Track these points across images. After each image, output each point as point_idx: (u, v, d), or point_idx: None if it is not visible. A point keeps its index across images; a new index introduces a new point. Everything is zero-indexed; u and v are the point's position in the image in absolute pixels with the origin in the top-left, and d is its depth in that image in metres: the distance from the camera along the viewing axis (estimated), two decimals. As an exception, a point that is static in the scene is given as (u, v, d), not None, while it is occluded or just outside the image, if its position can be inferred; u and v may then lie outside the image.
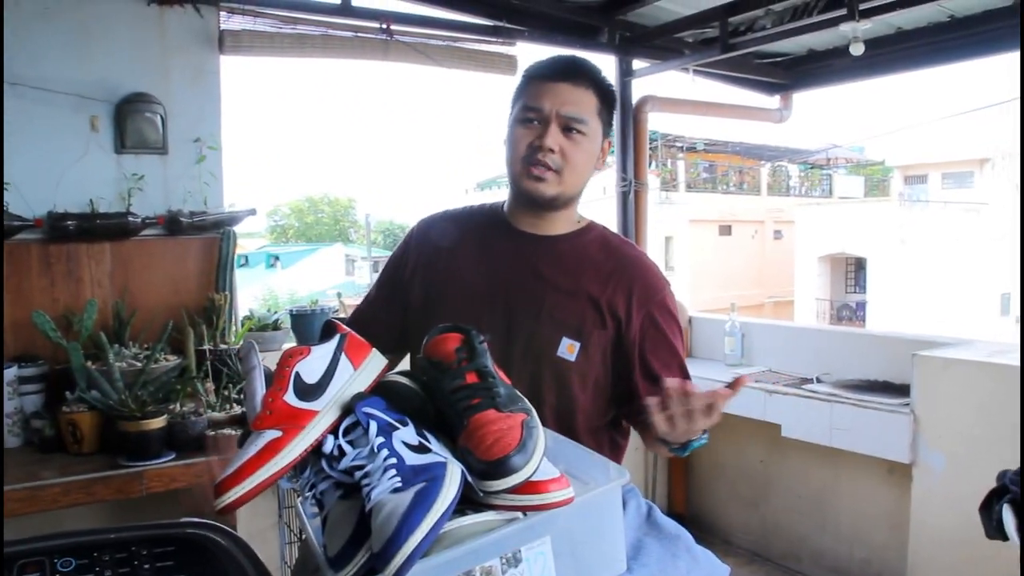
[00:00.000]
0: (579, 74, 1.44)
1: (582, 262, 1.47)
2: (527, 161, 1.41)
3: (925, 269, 17.03)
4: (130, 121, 2.82)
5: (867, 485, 3.35)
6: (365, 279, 21.84)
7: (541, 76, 1.44)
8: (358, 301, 1.80)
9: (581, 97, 1.42)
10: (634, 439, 1.56)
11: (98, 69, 2.79)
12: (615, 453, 1.53)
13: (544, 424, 1.39)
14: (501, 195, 1.62)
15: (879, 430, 2.94)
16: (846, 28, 3.20)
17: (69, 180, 2.74)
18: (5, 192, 2.60)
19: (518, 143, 1.43)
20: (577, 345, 1.41)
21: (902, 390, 3.03)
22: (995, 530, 1.43)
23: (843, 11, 3.16)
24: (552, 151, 1.40)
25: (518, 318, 1.42)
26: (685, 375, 1.48)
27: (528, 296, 1.44)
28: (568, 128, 1.41)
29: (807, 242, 18.81)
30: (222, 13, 3.01)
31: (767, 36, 3.60)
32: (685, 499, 4.16)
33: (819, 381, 3.39)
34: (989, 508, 1.55)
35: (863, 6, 3.12)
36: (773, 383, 3.42)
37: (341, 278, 23.95)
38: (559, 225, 1.50)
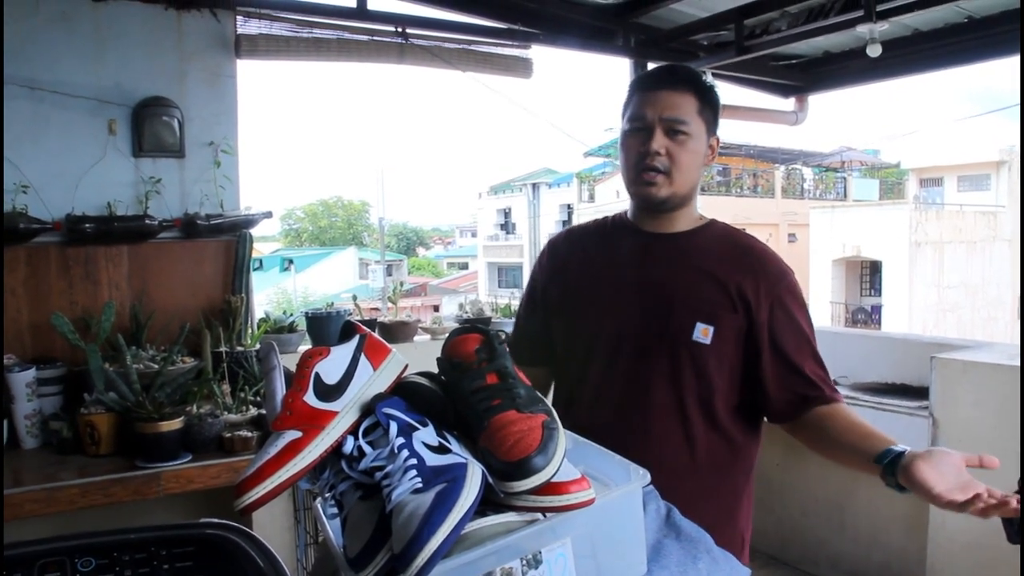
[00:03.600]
0: (676, 79, 1.51)
1: (708, 253, 1.53)
2: (638, 167, 1.48)
3: (941, 272, 16.92)
4: (147, 125, 2.84)
5: (885, 488, 3.30)
6: (379, 283, 21.89)
7: (642, 87, 1.53)
8: (374, 305, 1.85)
9: (680, 100, 1.48)
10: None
11: (116, 73, 2.82)
12: (751, 438, 1.58)
13: (686, 409, 1.45)
14: (516, 201, 1.67)
15: (897, 433, 2.86)
16: (863, 29, 3.19)
17: (87, 183, 2.76)
18: (24, 195, 2.63)
19: (628, 152, 1.51)
20: (711, 329, 1.45)
21: (920, 393, 3.01)
22: (1017, 534, 1.41)
23: (860, 12, 3.15)
24: (659, 154, 1.46)
25: (652, 309, 1.48)
26: (816, 358, 1.53)
27: (659, 287, 1.49)
28: (671, 131, 1.47)
29: (822, 245, 18.71)
30: (239, 17, 3.03)
31: (782, 38, 3.59)
32: (700, 503, 4.13)
33: (837, 384, 3.36)
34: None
35: (880, 7, 3.10)
36: (789, 386, 3.40)
37: (354, 282, 24.02)
38: (681, 222, 1.56)
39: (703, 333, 1.45)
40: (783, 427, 1.56)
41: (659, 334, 1.46)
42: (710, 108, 1.52)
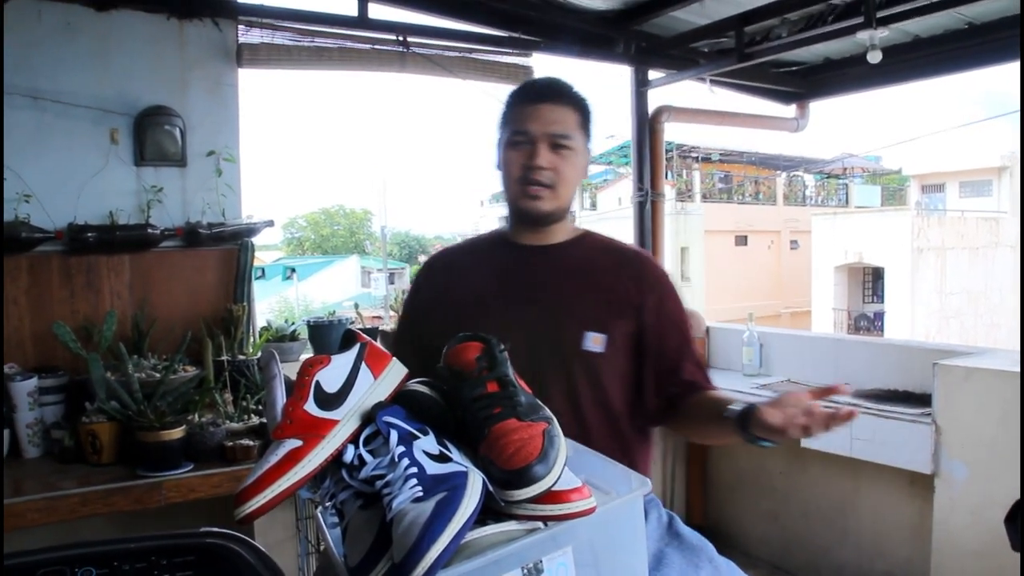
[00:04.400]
0: (559, 94, 1.51)
1: (590, 263, 1.56)
2: (522, 181, 1.48)
3: (943, 279, 16.89)
4: (149, 134, 2.85)
5: (888, 496, 3.31)
6: (381, 291, 21.89)
7: (524, 100, 1.52)
8: (376, 313, 1.85)
9: (564, 115, 1.49)
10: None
11: (118, 82, 2.82)
12: (645, 439, 1.59)
13: (585, 419, 1.44)
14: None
15: (900, 440, 2.90)
16: (863, 36, 3.19)
17: (89, 192, 2.77)
18: (27, 204, 2.63)
19: (512, 166, 1.50)
20: (602, 337, 1.46)
21: (923, 400, 3.00)
22: (1020, 543, 1.40)
23: (860, 19, 3.15)
24: (544, 169, 1.47)
25: (542, 322, 1.47)
26: (694, 358, 1.55)
27: (546, 300, 1.50)
28: (556, 145, 1.47)
29: (824, 252, 18.68)
30: (240, 27, 3.04)
31: (783, 45, 3.59)
32: (704, 511, 4.12)
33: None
34: (1015, 519, 1.53)
35: (880, 14, 3.10)
36: (792, 393, 3.39)
37: (357, 290, 24.00)
38: (559, 234, 1.57)
39: (595, 342, 1.46)
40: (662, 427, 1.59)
41: (552, 347, 1.46)
42: (588, 123, 1.54)
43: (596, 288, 1.50)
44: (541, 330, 1.46)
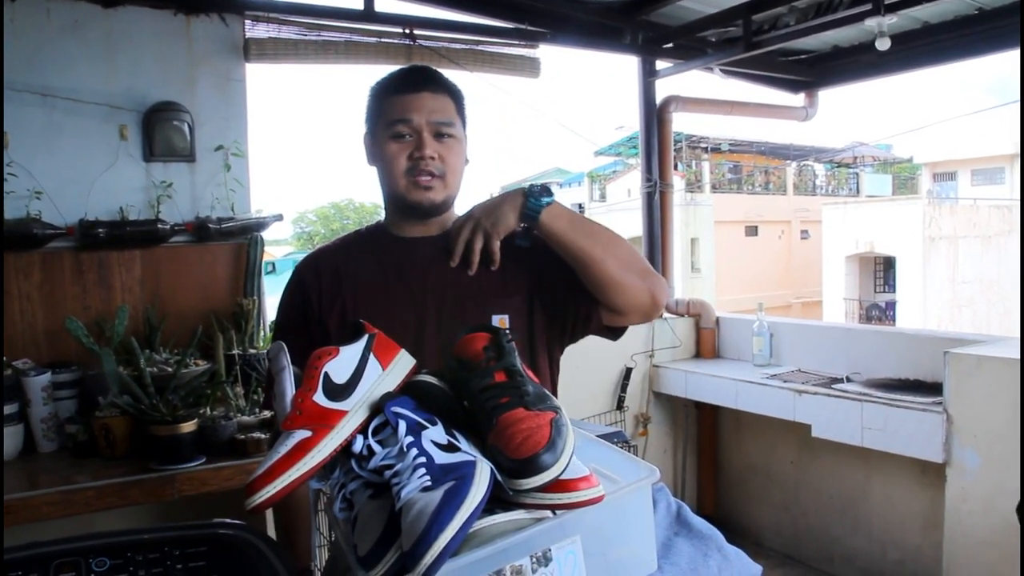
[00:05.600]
0: (434, 81, 1.48)
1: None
2: (411, 173, 1.44)
3: (956, 267, 16.79)
4: (158, 130, 2.86)
5: (900, 485, 3.31)
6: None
7: (400, 90, 1.46)
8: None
9: (444, 103, 1.46)
10: (658, 443, 1.55)
11: (126, 79, 2.83)
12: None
13: None
14: None
15: (911, 429, 2.90)
16: (871, 23, 3.17)
17: (100, 188, 2.78)
18: (38, 201, 2.65)
19: (396, 158, 1.44)
20: (505, 318, 1.44)
21: (934, 388, 2.99)
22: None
23: (868, 6, 3.13)
24: (432, 158, 1.43)
25: (443, 317, 1.43)
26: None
27: (446, 290, 1.46)
28: (440, 134, 1.44)
29: (835, 242, 18.60)
30: (247, 22, 3.04)
31: (791, 33, 3.57)
32: (715, 500, 4.13)
33: (849, 380, 3.35)
34: (1027, 507, 1.53)
35: (889, 0, 3.09)
36: (803, 383, 3.39)
37: (367, 284, 23.98)
38: (443, 224, 1.52)
39: (500, 323, 1.43)
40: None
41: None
42: (463, 108, 1.51)
43: (486, 272, 1.45)
44: (447, 322, 1.42)
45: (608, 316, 1.45)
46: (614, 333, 1.52)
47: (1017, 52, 3.35)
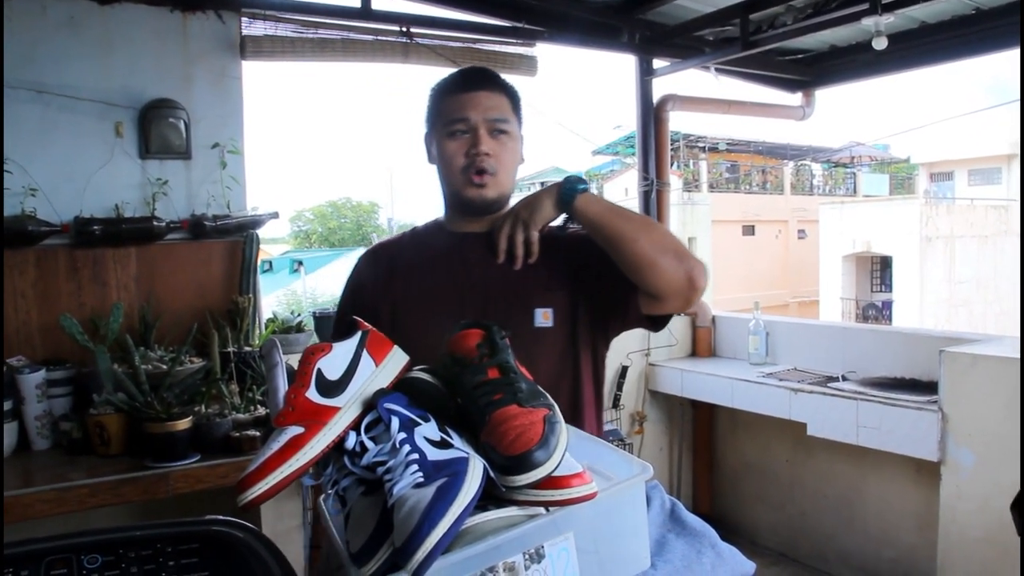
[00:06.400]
0: (490, 80, 1.52)
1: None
2: (467, 170, 1.47)
3: (952, 267, 16.82)
4: (154, 127, 2.86)
5: (895, 483, 3.31)
6: (388, 283, 21.82)
7: (457, 89, 1.51)
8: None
9: (499, 101, 1.50)
10: (654, 442, 1.56)
11: (122, 76, 2.83)
12: (599, 417, 1.60)
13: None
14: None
15: (906, 428, 2.90)
16: (868, 23, 3.17)
17: (95, 186, 2.78)
18: (33, 198, 2.65)
19: (454, 156, 1.48)
20: (550, 311, 1.46)
21: (929, 387, 3.00)
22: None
23: (865, 5, 3.13)
24: (488, 155, 1.46)
25: (487, 311, 1.45)
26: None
27: (488, 287, 1.48)
28: (495, 131, 1.47)
29: (832, 241, 18.62)
30: (243, 19, 3.04)
31: (788, 32, 3.57)
32: (710, 498, 4.13)
33: (845, 379, 3.36)
34: (1021, 506, 1.53)
35: (885, 0, 3.09)
36: (798, 381, 3.39)
37: (364, 282, 23.95)
38: (496, 221, 1.54)
39: (544, 317, 1.46)
40: None
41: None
42: (519, 108, 1.54)
43: (536, 265, 1.48)
44: (491, 317, 1.39)
45: (647, 303, 1.44)
46: (655, 323, 1.51)
47: (1016, 52, 3.35)
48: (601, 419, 1.62)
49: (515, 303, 1.47)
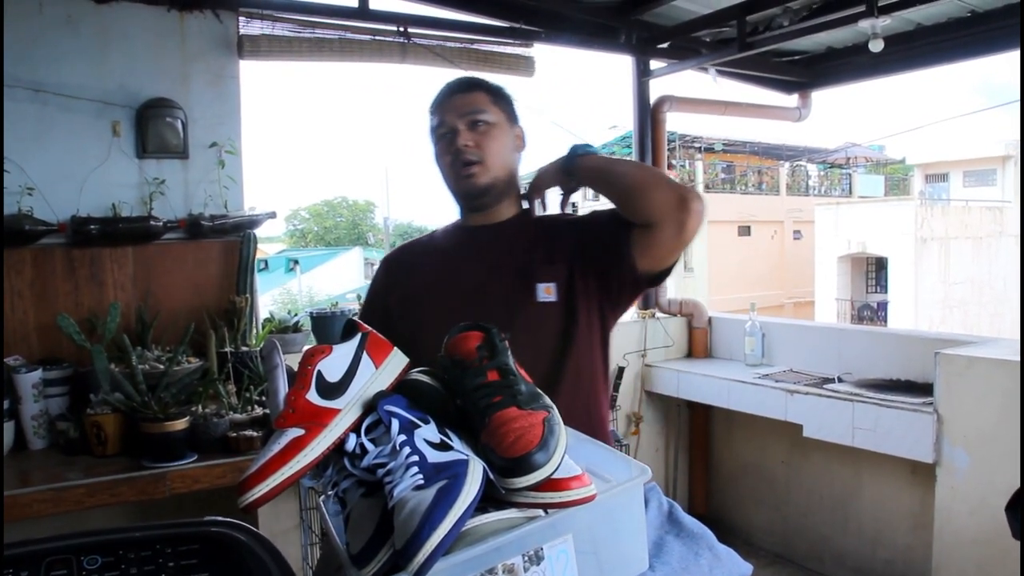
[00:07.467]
0: (465, 84, 1.63)
1: (531, 226, 1.63)
2: (455, 166, 1.57)
3: (947, 268, 16.87)
4: (151, 126, 2.85)
5: (890, 485, 3.32)
6: (384, 282, 21.81)
7: (437, 100, 1.62)
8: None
9: (473, 98, 1.59)
10: (650, 443, 1.57)
11: (119, 75, 2.83)
12: (606, 386, 1.62)
13: (544, 368, 1.43)
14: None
15: (902, 429, 2.91)
16: (865, 25, 3.18)
17: (92, 185, 2.77)
18: (30, 197, 2.64)
19: (443, 156, 1.59)
20: (552, 285, 1.52)
21: (925, 389, 3.00)
22: (1020, 531, 1.41)
23: (862, 7, 3.14)
24: (468, 146, 1.55)
25: (491, 290, 1.54)
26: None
27: (492, 268, 1.57)
28: (473, 124, 1.56)
29: (827, 242, 18.67)
30: (241, 18, 3.04)
31: (785, 34, 3.58)
32: (706, 500, 4.14)
33: (840, 381, 3.36)
34: (1016, 507, 1.53)
35: (882, 2, 3.10)
36: (794, 383, 3.40)
37: (360, 282, 23.99)
38: (504, 212, 1.64)
39: (547, 292, 1.51)
40: None
41: (507, 308, 1.49)
42: (503, 101, 1.63)
43: (534, 248, 1.57)
44: (494, 294, 1.53)
45: (643, 244, 1.46)
46: (653, 281, 1.54)
47: (1016, 54, 3.36)
48: (608, 393, 1.67)
49: (517, 279, 1.54)
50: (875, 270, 19.36)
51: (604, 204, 1.59)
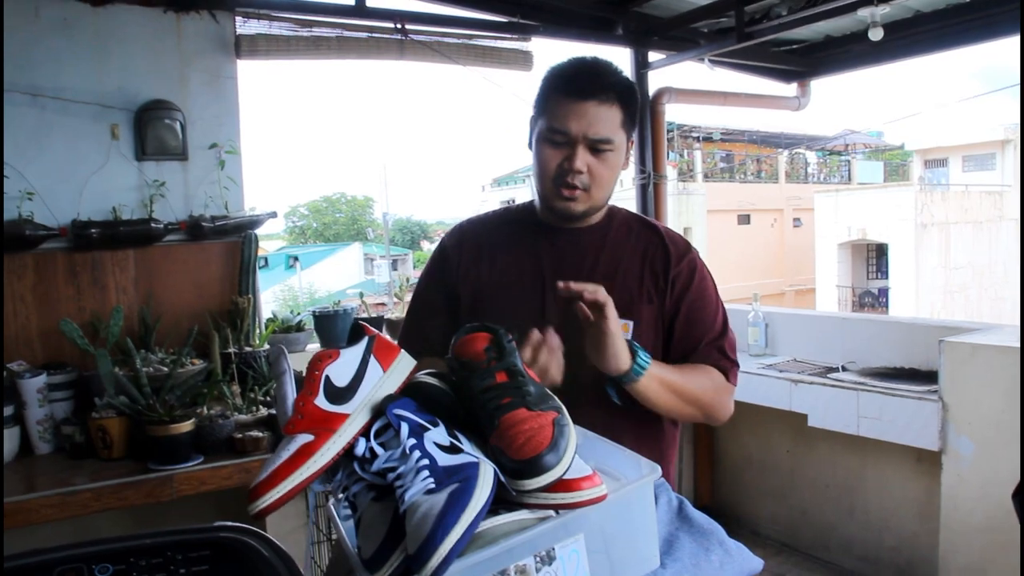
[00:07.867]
0: (603, 89, 1.42)
1: (617, 247, 1.53)
2: (557, 182, 1.44)
3: (948, 253, 16.86)
4: (150, 128, 2.85)
5: (895, 473, 3.32)
6: (384, 278, 21.89)
7: (565, 93, 1.42)
8: (380, 300, 1.81)
9: (607, 115, 1.41)
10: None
11: (117, 78, 2.82)
12: (674, 428, 1.59)
13: (616, 406, 1.41)
14: (519, 192, 1.64)
15: (907, 418, 2.91)
16: (864, 13, 3.17)
17: (92, 188, 2.77)
18: (30, 201, 2.64)
19: (547, 163, 1.44)
20: (630, 324, 1.45)
21: (929, 377, 3.00)
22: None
23: (861, -5, 3.13)
24: (581, 172, 1.42)
25: (569, 314, 1.39)
26: (719, 337, 1.52)
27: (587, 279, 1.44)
28: (595, 149, 1.42)
29: (827, 229, 18.66)
30: (238, 18, 3.03)
31: (783, 23, 3.56)
32: (712, 491, 4.14)
33: (844, 369, 3.36)
34: (1022, 494, 1.53)
35: (881, -10, 3.09)
36: (798, 372, 3.40)
37: (360, 277, 24.02)
38: (591, 220, 1.55)
39: (623, 329, 1.41)
40: None
41: (580, 336, 1.37)
42: (632, 116, 1.47)
43: (624, 272, 1.49)
44: (571, 319, 1.38)
45: None
46: None
47: (1016, 39, 3.35)
48: (669, 441, 1.60)
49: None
50: (875, 256, 19.35)
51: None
